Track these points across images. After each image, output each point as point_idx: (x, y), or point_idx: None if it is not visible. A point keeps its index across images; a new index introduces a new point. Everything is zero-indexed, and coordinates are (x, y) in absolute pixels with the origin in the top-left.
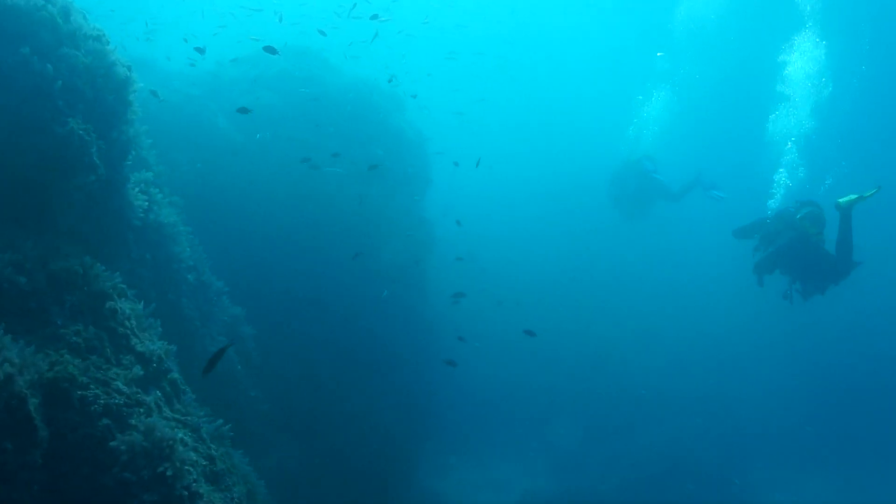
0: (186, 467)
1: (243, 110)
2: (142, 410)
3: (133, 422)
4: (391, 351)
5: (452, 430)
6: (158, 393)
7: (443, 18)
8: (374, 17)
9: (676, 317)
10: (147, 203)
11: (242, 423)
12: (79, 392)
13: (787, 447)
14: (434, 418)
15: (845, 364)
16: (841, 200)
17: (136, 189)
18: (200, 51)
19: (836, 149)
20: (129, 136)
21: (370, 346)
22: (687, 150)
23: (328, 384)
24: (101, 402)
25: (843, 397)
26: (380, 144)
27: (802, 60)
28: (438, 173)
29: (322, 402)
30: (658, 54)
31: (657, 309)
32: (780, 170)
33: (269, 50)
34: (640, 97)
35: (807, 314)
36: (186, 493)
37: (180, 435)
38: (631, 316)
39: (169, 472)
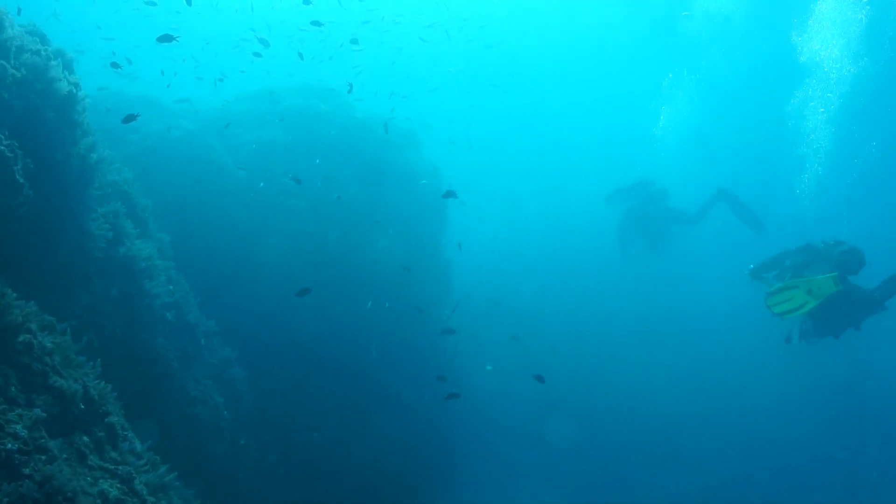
0: None
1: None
2: (43, 458)
3: (27, 471)
4: (395, 396)
5: (464, 472)
6: (86, 438)
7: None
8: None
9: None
10: (112, 234)
11: (228, 472)
12: None
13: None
14: (443, 459)
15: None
16: None
17: (103, 220)
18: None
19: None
20: (86, 161)
21: (373, 392)
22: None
23: (329, 429)
24: None
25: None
26: (390, 185)
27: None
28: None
29: (322, 448)
30: (684, 14)
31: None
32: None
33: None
34: (670, 76)
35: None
36: None
37: (103, 486)
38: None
39: None
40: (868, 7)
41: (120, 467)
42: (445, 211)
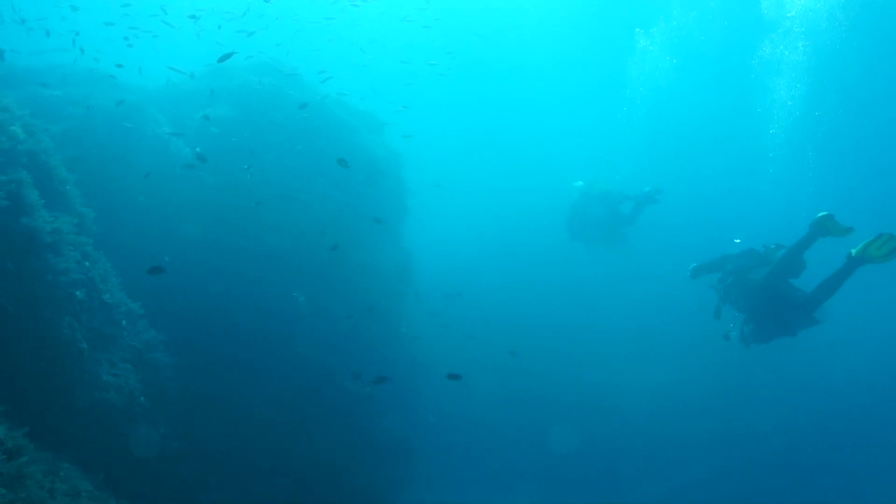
0: None
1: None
2: None
3: None
4: (339, 392)
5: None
6: None
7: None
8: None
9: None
10: (8, 203)
11: (142, 462)
12: None
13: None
14: (395, 458)
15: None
16: (854, 251)
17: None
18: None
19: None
20: None
21: (315, 388)
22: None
23: (273, 422)
24: None
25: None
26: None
27: None
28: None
29: (264, 442)
30: None
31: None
32: None
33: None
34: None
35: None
36: None
37: None
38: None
39: None
40: None
41: None
42: (405, 198)
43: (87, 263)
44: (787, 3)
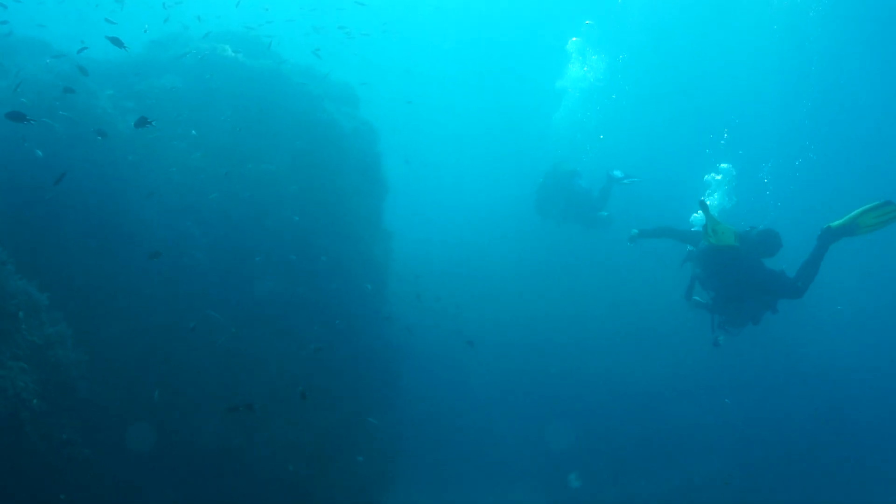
0: None
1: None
2: None
3: None
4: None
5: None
6: None
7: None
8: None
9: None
10: None
11: (32, 472)
12: None
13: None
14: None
15: None
16: (834, 224)
17: None
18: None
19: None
20: None
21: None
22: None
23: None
24: None
25: None
26: (309, 138)
27: None
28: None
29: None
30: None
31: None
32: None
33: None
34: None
35: None
36: None
37: None
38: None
39: None
40: None
41: None
42: (382, 174)
43: None
44: None
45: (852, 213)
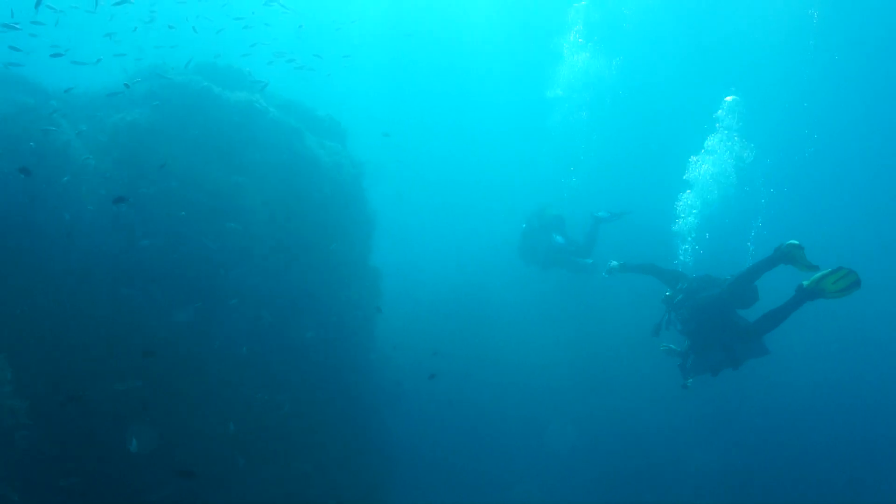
0: None
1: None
2: None
3: None
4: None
5: None
6: None
7: None
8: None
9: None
10: None
11: None
12: None
13: None
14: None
15: None
16: (806, 283)
17: None
18: None
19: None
20: None
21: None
22: None
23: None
24: None
25: None
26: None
27: None
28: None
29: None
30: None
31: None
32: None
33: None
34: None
35: None
36: None
37: None
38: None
39: None
40: None
41: None
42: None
43: None
44: None
45: (815, 276)
